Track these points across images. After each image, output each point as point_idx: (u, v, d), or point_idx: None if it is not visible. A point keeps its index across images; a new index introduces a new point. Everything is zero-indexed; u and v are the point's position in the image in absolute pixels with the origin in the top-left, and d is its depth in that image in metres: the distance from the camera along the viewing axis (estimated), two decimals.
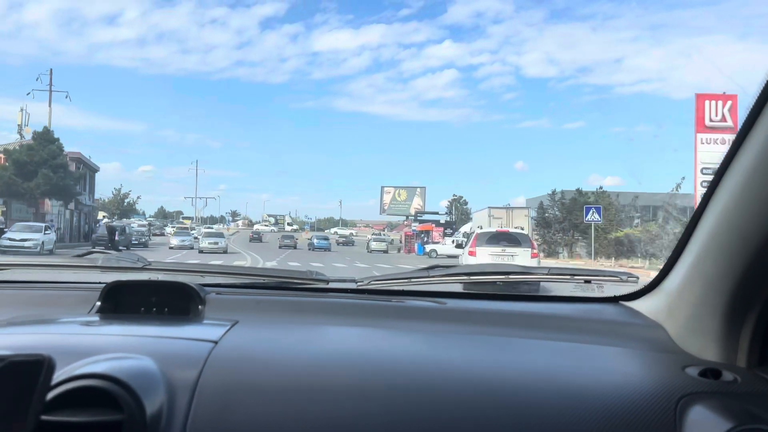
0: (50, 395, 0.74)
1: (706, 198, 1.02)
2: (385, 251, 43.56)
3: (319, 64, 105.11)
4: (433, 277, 1.52)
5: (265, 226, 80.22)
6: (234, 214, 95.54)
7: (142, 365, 0.87)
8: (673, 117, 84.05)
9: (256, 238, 54.03)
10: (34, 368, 0.65)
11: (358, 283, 1.51)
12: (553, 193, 38.47)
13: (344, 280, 1.56)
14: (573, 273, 1.55)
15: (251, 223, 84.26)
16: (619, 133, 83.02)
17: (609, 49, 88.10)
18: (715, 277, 1.04)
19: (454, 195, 63.57)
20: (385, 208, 72.69)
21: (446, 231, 44.58)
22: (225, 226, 75.02)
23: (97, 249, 1.73)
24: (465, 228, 36.60)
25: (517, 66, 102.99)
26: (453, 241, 34.33)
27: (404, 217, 64.49)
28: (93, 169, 44.83)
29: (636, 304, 1.37)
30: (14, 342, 1.01)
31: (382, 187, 72.96)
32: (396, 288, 1.52)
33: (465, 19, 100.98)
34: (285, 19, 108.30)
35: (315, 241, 43.27)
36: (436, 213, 57.32)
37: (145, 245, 34.17)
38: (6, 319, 1.14)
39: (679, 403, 0.90)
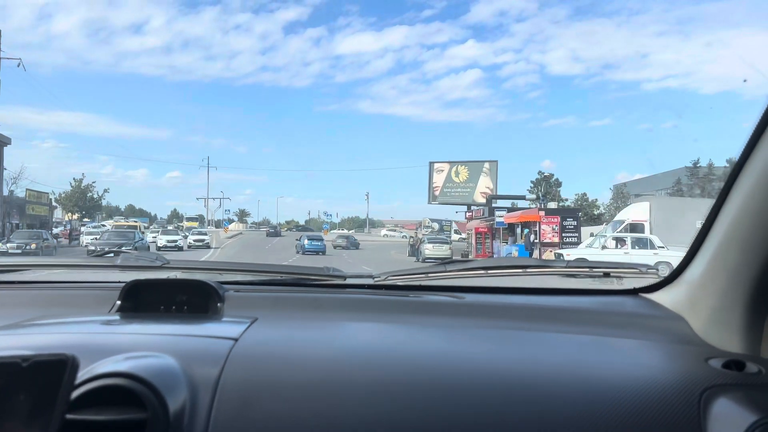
0: (74, 394, 0.74)
1: (728, 186, 1.00)
2: (449, 258, 14.90)
3: (343, 67, 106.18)
4: (450, 271, 1.49)
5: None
6: (242, 214, 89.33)
7: (164, 363, 0.87)
8: (698, 110, 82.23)
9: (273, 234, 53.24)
10: (58, 368, 0.65)
11: (375, 279, 1.50)
12: (695, 165, 31.87)
13: (361, 276, 1.56)
14: (592, 266, 1.52)
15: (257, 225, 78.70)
16: (646, 130, 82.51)
17: (634, 44, 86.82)
18: (738, 267, 1.02)
19: (540, 173, 43.72)
20: (436, 193, 44.42)
21: (568, 223, 24.96)
22: (222, 228, 62.88)
23: (114, 249, 1.74)
24: (624, 216, 23.09)
25: (542, 64, 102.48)
26: (602, 240, 19.26)
27: (464, 207, 41.21)
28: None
29: (657, 296, 1.36)
30: (37, 342, 1.01)
31: (431, 164, 45.46)
32: (413, 283, 1.50)
33: (488, 18, 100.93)
34: (308, 23, 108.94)
35: (306, 242, 32.98)
36: (522, 197, 36.17)
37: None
38: (28, 319, 1.15)
39: (703, 396, 0.88)
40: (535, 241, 24.59)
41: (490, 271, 1.52)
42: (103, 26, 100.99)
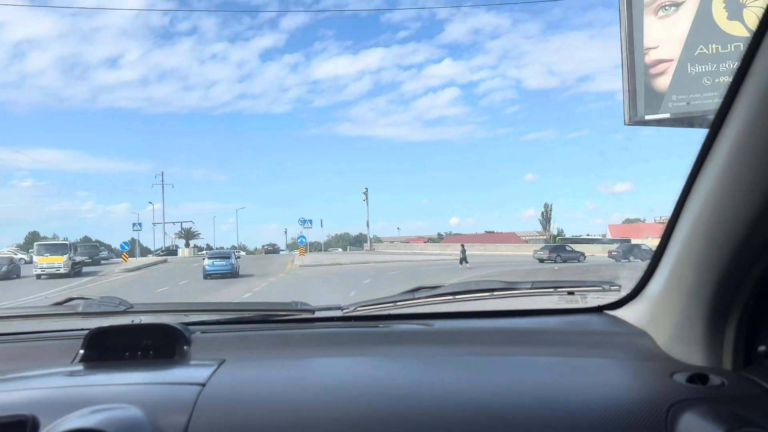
0: None
1: (680, 204, 1.02)
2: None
3: (321, 91, 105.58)
4: (418, 299, 1.51)
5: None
6: (189, 236, 72.46)
7: (130, 415, 0.85)
8: None
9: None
10: (17, 429, 0.67)
11: (344, 311, 1.50)
12: None
13: (330, 308, 1.54)
14: (556, 285, 1.55)
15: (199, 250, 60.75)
16: (624, 140, 79.00)
17: (609, 56, 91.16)
18: (693, 283, 1.04)
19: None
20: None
21: None
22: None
23: (76, 296, 1.70)
24: None
25: (518, 79, 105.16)
26: None
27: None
28: None
29: (620, 313, 1.38)
30: None
31: None
32: (382, 313, 1.50)
33: (463, 36, 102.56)
34: (285, 49, 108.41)
35: (207, 263, 25.02)
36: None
37: None
38: None
39: (670, 412, 0.90)
40: None
41: (458, 296, 1.54)
42: (77, 62, 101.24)
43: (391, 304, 1.51)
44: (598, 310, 1.44)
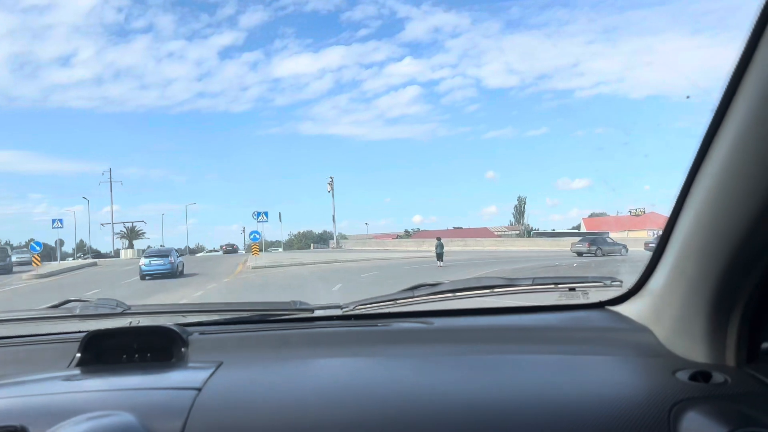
0: None
1: (681, 198, 0.99)
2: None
3: (282, 89, 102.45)
4: (418, 296, 1.50)
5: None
6: (132, 235, 65.13)
7: (124, 422, 0.85)
8: (632, 118, 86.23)
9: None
10: None
11: (344, 309, 1.48)
12: None
13: (329, 307, 1.52)
14: (557, 282, 1.53)
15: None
16: (582, 137, 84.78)
17: (566, 54, 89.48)
18: (696, 278, 1.02)
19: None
20: None
21: None
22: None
23: (73, 298, 1.56)
24: None
25: (478, 78, 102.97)
26: None
27: None
28: None
29: (622, 308, 1.36)
30: None
31: None
32: (382, 311, 1.49)
33: (423, 35, 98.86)
34: (244, 47, 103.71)
35: (144, 263, 22.91)
36: None
37: None
38: None
39: (672, 411, 0.89)
40: None
41: (458, 294, 1.51)
42: (28, 60, 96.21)
43: (391, 303, 1.50)
44: (600, 305, 1.44)
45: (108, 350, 1.22)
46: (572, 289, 1.51)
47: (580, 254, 29.91)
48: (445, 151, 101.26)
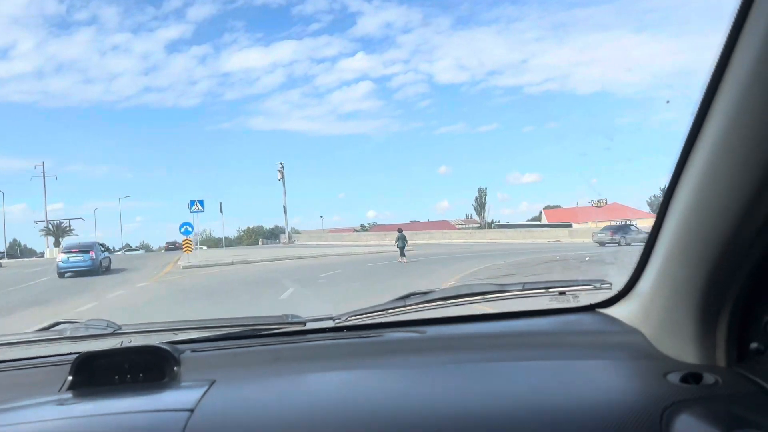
0: None
1: (667, 200, 1.00)
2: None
3: (231, 84, 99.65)
4: (410, 305, 1.49)
5: None
6: (58, 232, 59.50)
7: None
8: (579, 113, 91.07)
9: None
10: None
11: (336, 321, 1.47)
12: None
13: (321, 319, 1.51)
14: (547, 286, 1.53)
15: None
16: (531, 132, 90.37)
17: (515, 50, 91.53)
18: (683, 279, 1.02)
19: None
20: None
21: None
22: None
23: (63, 320, 1.56)
24: None
25: (430, 74, 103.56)
26: None
27: None
28: None
29: (612, 311, 1.36)
30: None
31: None
32: (374, 321, 1.47)
33: (375, 30, 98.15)
34: (192, 41, 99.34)
35: (62, 259, 21.02)
36: None
37: None
38: None
39: (664, 414, 0.88)
40: None
41: (449, 301, 1.50)
42: None
43: (383, 312, 1.49)
44: (590, 308, 1.43)
45: (100, 371, 1.21)
46: (562, 293, 1.50)
47: (602, 244, 26.95)
48: (398, 146, 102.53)
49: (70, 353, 1.29)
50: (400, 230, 23.44)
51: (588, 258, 17.34)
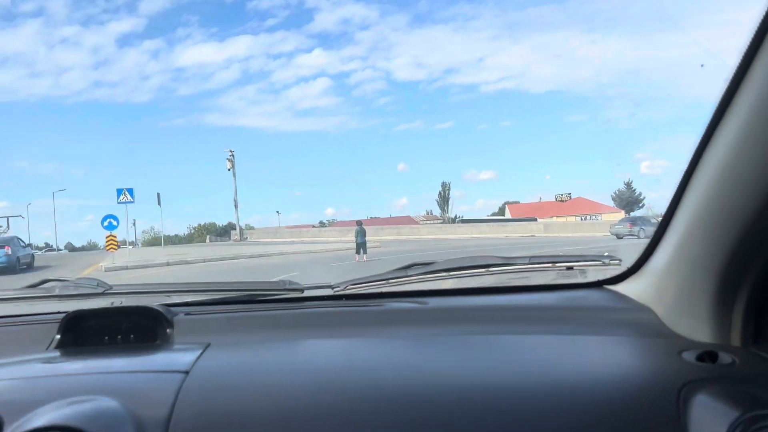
0: None
1: (688, 174, 0.97)
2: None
3: (186, 79, 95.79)
4: (411, 275, 1.45)
5: None
6: None
7: (108, 408, 0.81)
8: (533, 111, 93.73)
9: None
10: None
11: (335, 289, 1.44)
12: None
13: (320, 287, 1.47)
14: (554, 260, 1.49)
15: None
16: (487, 129, 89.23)
17: (471, 49, 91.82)
18: (701, 257, 1.00)
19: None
20: None
21: None
22: None
23: (52, 277, 1.50)
24: None
25: (388, 71, 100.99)
26: None
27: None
28: None
29: (621, 287, 1.33)
30: None
31: None
32: (375, 291, 1.44)
33: (332, 26, 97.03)
34: (144, 35, 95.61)
35: None
36: None
37: None
38: None
39: (681, 393, 0.86)
40: None
41: (452, 273, 1.47)
42: None
43: (384, 282, 1.44)
44: (598, 285, 1.38)
45: (89, 332, 1.17)
46: (570, 268, 1.47)
47: (619, 236, 25.31)
48: (356, 143, 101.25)
49: (59, 312, 1.26)
50: (359, 223, 20.30)
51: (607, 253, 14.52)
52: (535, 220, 46.02)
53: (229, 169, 38.48)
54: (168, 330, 1.18)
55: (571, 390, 0.88)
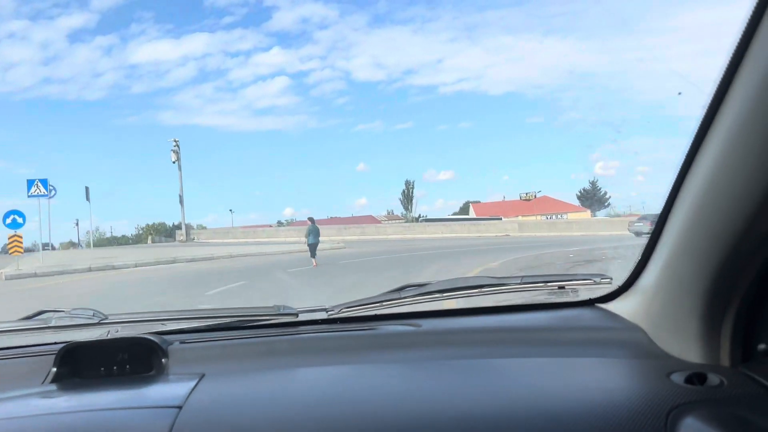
0: None
1: (673, 194, 0.98)
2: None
3: (139, 76, 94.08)
4: (405, 297, 1.45)
5: None
6: None
7: None
8: (491, 113, 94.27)
9: None
10: None
11: (329, 312, 1.43)
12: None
13: (314, 310, 1.46)
14: (546, 280, 1.51)
15: None
16: (446, 130, 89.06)
17: (430, 50, 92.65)
18: (689, 276, 0.99)
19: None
20: None
21: None
22: None
23: (47, 309, 1.50)
24: None
25: (347, 71, 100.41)
26: None
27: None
28: None
29: (612, 306, 1.32)
30: None
31: None
32: (369, 314, 1.42)
33: (291, 25, 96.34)
34: (96, 30, 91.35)
35: None
36: None
37: None
38: None
39: (669, 416, 0.86)
40: None
41: (445, 294, 1.47)
42: None
43: (377, 304, 1.43)
44: (590, 303, 1.37)
45: (85, 363, 1.16)
46: (561, 287, 1.48)
47: (639, 234, 23.94)
48: (315, 143, 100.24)
49: (55, 343, 1.25)
50: (311, 220, 16.80)
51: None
52: (500, 219, 44.24)
53: (174, 162, 34.56)
54: (163, 360, 1.17)
55: (562, 415, 0.88)
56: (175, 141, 34.78)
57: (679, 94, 1.25)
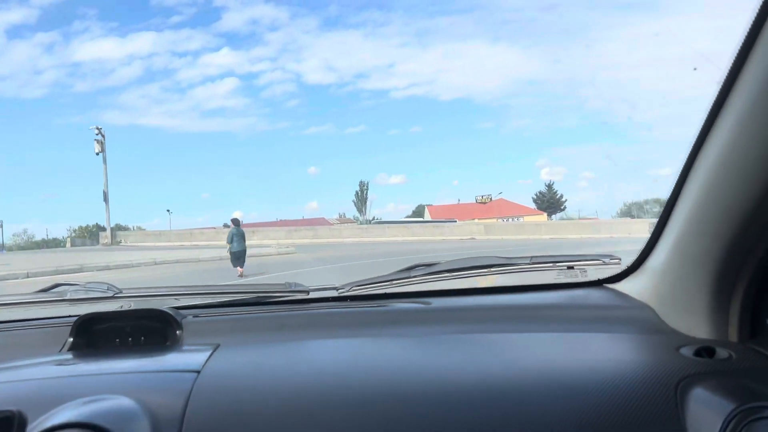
0: None
1: (684, 173, 0.99)
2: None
3: (83, 75, 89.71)
4: (414, 276, 1.47)
5: None
6: None
7: (124, 406, 0.84)
8: (441, 118, 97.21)
9: None
10: (3, 425, 0.65)
11: (340, 291, 1.45)
12: None
13: (325, 288, 1.49)
14: (555, 260, 1.52)
15: None
16: (397, 135, 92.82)
17: (381, 55, 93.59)
18: (698, 255, 1.02)
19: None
20: None
21: None
22: None
23: (62, 281, 1.51)
24: None
25: (298, 73, 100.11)
26: None
27: None
28: None
29: (621, 286, 1.35)
30: None
31: None
32: (378, 292, 1.45)
33: (241, 26, 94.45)
34: (37, 27, 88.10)
35: None
36: None
37: None
38: None
39: (679, 387, 0.89)
40: None
41: (455, 273, 1.48)
42: None
43: (387, 283, 1.46)
44: (599, 283, 1.42)
45: (100, 334, 1.19)
46: (570, 268, 1.49)
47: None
48: (265, 145, 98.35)
49: (70, 315, 1.28)
50: (236, 222, 13.58)
51: None
52: (455, 221, 42.14)
53: (97, 153, 30.30)
54: (177, 332, 1.19)
55: (573, 386, 0.89)
56: (98, 129, 30.47)
57: (695, 69, 1.24)
